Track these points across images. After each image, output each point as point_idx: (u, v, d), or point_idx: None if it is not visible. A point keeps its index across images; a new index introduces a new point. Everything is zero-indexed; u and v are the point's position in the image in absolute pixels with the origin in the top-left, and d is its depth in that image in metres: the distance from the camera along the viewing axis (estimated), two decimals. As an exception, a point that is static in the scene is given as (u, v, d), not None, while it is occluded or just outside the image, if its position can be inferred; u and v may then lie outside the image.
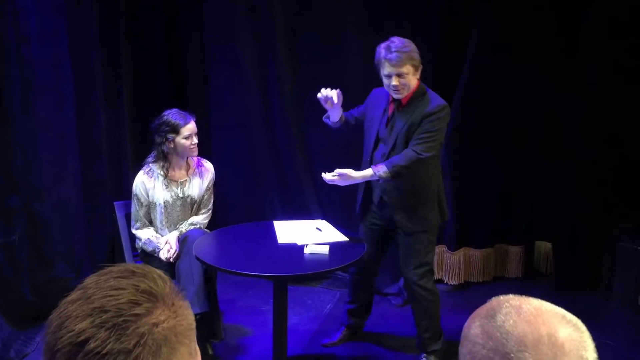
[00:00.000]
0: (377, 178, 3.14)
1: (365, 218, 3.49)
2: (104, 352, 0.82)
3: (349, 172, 3.15)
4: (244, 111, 4.66)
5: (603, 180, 4.34)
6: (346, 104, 3.40)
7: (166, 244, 3.42)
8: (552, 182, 4.55)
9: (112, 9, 4.14)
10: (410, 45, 3.11)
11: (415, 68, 3.11)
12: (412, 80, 3.13)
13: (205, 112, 4.74)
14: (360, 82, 4.21)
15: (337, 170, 3.15)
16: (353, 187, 3.27)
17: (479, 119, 4.36)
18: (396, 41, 3.10)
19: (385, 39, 3.12)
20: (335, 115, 3.38)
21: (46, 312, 0.91)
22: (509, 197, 4.60)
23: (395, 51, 3.07)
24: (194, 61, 4.74)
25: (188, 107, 4.60)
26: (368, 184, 3.37)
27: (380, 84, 3.33)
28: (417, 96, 3.17)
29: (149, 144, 3.59)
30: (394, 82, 3.10)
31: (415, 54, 3.10)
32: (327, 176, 3.17)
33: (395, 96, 3.18)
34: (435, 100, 3.15)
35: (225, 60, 4.61)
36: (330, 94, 3.27)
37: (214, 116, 4.76)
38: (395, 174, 3.11)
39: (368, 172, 3.16)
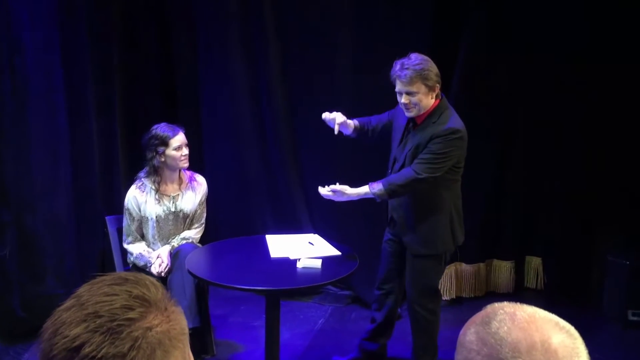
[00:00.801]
0: (373, 196, 3.09)
1: (385, 232, 3.46)
2: (99, 356, 0.82)
3: (344, 188, 3.11)
4: (235, 124, 4.65)
5: (592, 195, 4.37)
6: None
7: (158, 259, 3.41)
8: (542, 196, 4.58)
9: (104, 20, 4.14)
10: (426, 64, 3.01)
11: (429, 88, 3.01)
12: (425, 100, 3.03)
13: (197, 124, 4.74)
14: (351, 94, 4.24)
15: (332, 187, 3.12)
16: (347, 202, 3.26)
17: (468, 134, 4.39)
18: (412, 58, 3.03)
19: (377, 52, 3.10)
20: (346, 130, 3.33)
21: (36, 328, 0.91)
22: (498, 211, 4.62)
23: (406, 68, 2.99)
24: (186, 73, 4.74)
25: (180, 119, 4.63)
26: None
27: (372, 98, 3.34)
28: (433, 117, 3.07)
29: (140, 157, 3.59)
30: (404, 100, 3.04)
31: (430, 73, 3.00)
32: (322, 190, 3.14)
33: (407, 114, 3.11)
34: (449, 123, 3.04)
35: (217, 72, 4.61)
36: (330, 118, 3.24)
37: (206, 129, 4.75)
38: (392, 193, 3.05)
39: (364, 190, 3.11)
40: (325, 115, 3.28)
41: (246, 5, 4.48)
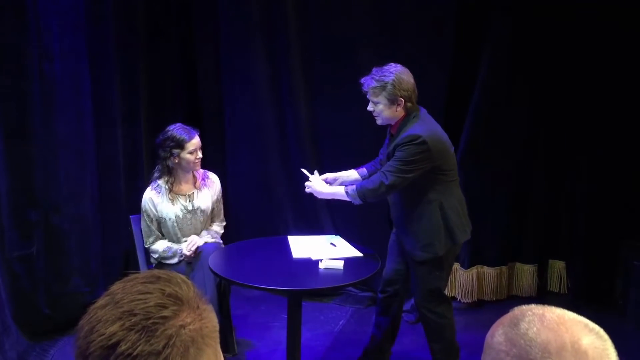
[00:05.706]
0: (349, 198, 3.11)
1: (392, 232, 3.45)
2: (134, 354, 0.84)
3: (316, 184, 3.24)
4: (258, 127, 4.69)
5: (617, 198, 4.32)
6: (363, 124, 3.39)
7: (190, 243, 3.48)
8: (566, 200, 4.53)
9: (129, 30, 4.22)
10: (391, 77, 2.94)
11: (391, 101, 2.97)
12: (386, 111, 3.01)
13: (220, 128, 4.79)
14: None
15: (310, 178, 3.26)
16: (369, 204, 3.27)
17: (491, 139, 4.37)
18: (384, 69, 2.99)
19: (400, 60, 3.09)
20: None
21: (61, 325, 0.94)
22: (522, 215, 4.58)
23: (371, 78, 2.99)
24: (209, 79, 4.79)
25: (203, 123, 4.64)
26: None
27: None
28: (402, 126, 3.04)
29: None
30: (369, 107, 3.07)
31: (394, 88, 2.94)
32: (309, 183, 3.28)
33: (377, 122, 3.14)
34: (409, 130, 2.98)
35: (240, 78, 4.66)
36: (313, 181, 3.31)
37: (229, 132, 4.80)
38: (363, 196, 3.05)
39: (340, 190, 3.17)
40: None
41: (270, 18, 4.53)
